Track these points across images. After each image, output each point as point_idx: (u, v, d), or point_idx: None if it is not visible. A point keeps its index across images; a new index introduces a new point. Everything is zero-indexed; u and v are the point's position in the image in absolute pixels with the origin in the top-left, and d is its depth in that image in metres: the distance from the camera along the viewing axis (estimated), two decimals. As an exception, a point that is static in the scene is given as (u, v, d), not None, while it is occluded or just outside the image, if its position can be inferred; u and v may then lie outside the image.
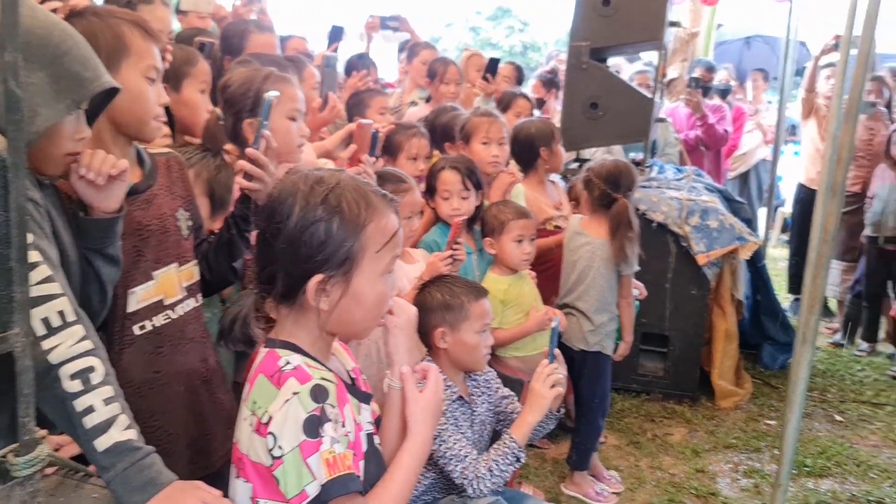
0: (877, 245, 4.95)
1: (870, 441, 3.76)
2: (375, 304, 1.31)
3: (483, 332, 2.14)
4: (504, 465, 1.99)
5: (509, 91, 4.38)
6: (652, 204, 4.03)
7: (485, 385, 2.27)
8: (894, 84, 5.56)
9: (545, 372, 2.05)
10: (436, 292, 2.15)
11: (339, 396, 1.25)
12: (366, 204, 1.26)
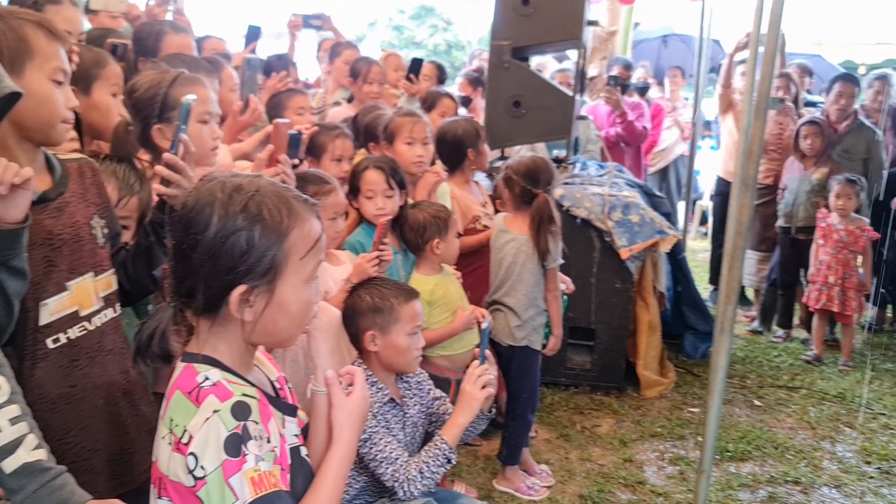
0: (789, 235, 5.16)
1: (786, 424, 3.92)
2: (300, 312, 1.28)
3: (414, 334, 2.14)
4: (435, 466, 1.99)
5: (433, 91, 4.39)
6: (575, 200, 4.10)
7: (417, 387, 2.27)
8: (801, 80, 5.81)
9: (476, 373, 2.06)
10: (366, 295, 2.14)
11: (263, 411, 1.22)
12: (287, 210, 1.23)
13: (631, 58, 7.28)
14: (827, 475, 3.39)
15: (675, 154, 7.37)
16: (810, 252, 4.92)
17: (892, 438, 3.77)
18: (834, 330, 5.16)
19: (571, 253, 4.06)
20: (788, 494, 3.22)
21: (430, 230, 2.78)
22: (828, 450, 3.64)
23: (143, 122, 2.03)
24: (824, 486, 3.29)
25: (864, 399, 4.19)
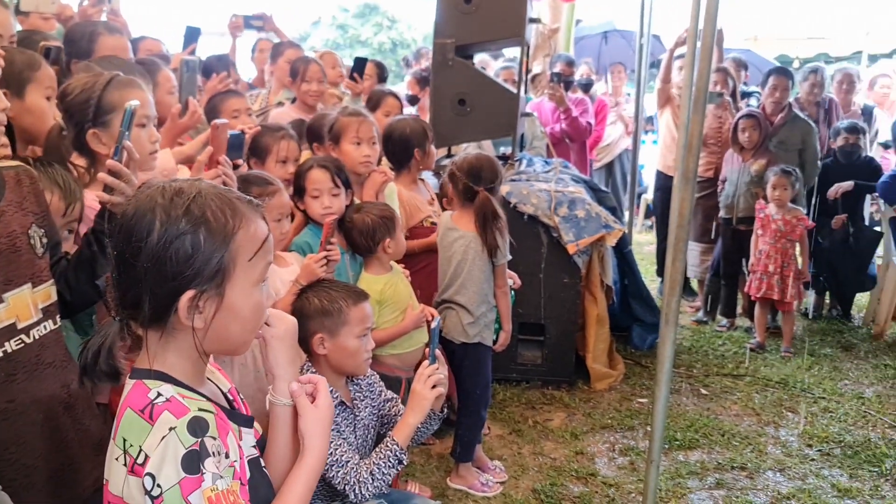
0: (731, 226, 5.28)
1: (732, 411, 4.02)
2: (252, 315, 1.26)
3: (364, 336, 2.12)
4: (386, 468, 1.99)
5: (378, 90, 4.37)
6: (522, 197, 4.13)
7: (367, 389, 2.26)
8: (737, 74, 5.95)
9: (426, 373, 2.06)
10: (314, 298, 2.12)
11: (220, 426, 1.19)
12: (232, 211, 1.20)
13: (573, 54, 7.36)
14: (771, 459, 3.48)
15: (620, 149, 7.48)
16: (751, 242, 5.04)
17: (832, 422, 3.89)
18: (776, 317, 5.30)
19: (520, 249, 4.10)
20: (735, 480, 3.30)
21: (381, 231, 2.77)
22: (772, 435, 3.74)
23: (77, 126, 1.98)
24: (769, 471, 3.38)
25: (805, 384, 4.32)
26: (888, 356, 4.83)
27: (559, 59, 6.45)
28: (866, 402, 4.15)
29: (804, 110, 5.66)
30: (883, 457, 3.50)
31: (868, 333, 5.30)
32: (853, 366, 4.70)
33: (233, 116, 3.11)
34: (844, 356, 4.87)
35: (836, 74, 6.39)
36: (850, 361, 4.77)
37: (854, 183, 5.24)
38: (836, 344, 5.09)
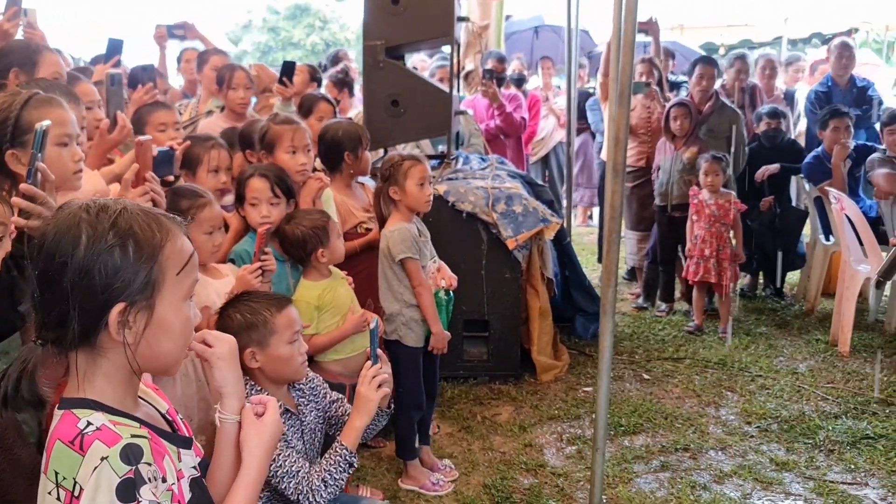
0: (666, 213, 5.41)
1: (674, 394, 4.12)
2: (182, 331, 1.25)
3: (294, 341, 2.12)
4: (338, 473, 1.99)
5: (310, 94, 4.34)
6: (460, 195, 4.16)
7: (311, 393, 2.25)
8: (665, 64, 6.08)
9: (370, 374, 2.07)
10: (235, 314, 2.10)
11: (155, 450, 1.17)
12: (158, 225, 1.20)
13: (504, 50, 7.42)
14: (713, 439, 3.59)
15: (555, 141, 7.58)
16: (686, 228, 5.17)
17: (769, 398, 4.02)
18: (712, 300, 5.44)
19: (460, 247, 4.14)
20: (679, 461, 3.39)
21: (312, 242, 2.76)
22: (712, 415, 3.85)
23: (-4, 147, 1.92)
24: (711, 450, 3.48)
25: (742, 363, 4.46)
26: (819, 331, 5.02)
27: (490, 55, 6.51)
28: (800, 376, 4.30)
29: (730, 97, 5.83)
30: (817, 429, 3.64)
31: (800, 310, 5.49)
32: (787, 342, 4.86)
33: (160, 130, 3.06)
34: (779, 334, 5.04)
35: (758, 60, 6.59)
36: (784, 338, 4.94)
37: (780, 165, 5.42)
38: (770, 322, 5.27)
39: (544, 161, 7.69)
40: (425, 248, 3.13)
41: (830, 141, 5.19)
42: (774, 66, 6.50)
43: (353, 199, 3.36)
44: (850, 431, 3.60)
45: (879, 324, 5.09)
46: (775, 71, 6.51)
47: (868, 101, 5.99)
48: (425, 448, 3.33)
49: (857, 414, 3.80)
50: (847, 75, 6.08)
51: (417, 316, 3.11)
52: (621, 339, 4.97)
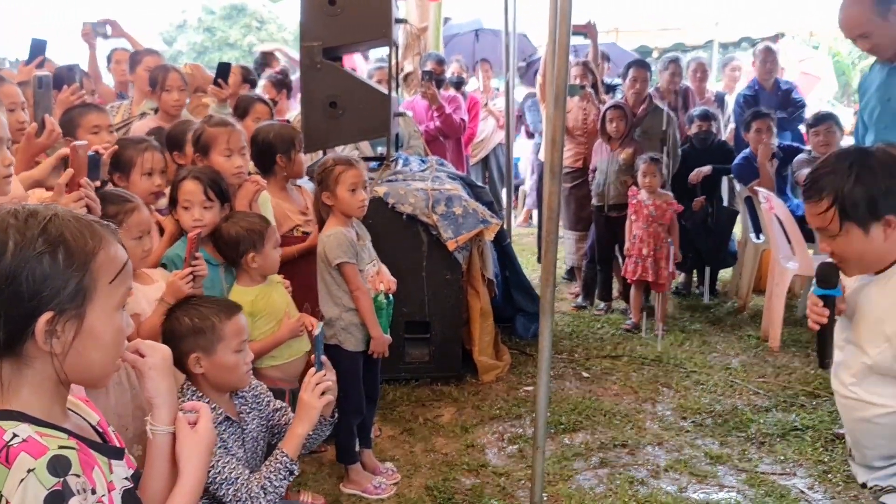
0: (603, 213, 5.50)
1: (612, 391, 4.19)
2: (113, 341, 1.22)
3: (241, 350, 2.09)
4: (277, 480, 1.98)
5: (245, 96, 4.27)
6: (400, 197, 4.15)
7: (254, 400, 2.22)
8: (600, 67, 6.19)
9: (313, 381, 2.05)
10: (184, 317, 2.06)
11: (84, 461, 1.14)
12: (91, 233, 1.17)
13: (444, 53, 7.44)
14: (650, 434, 3.66)
15: (494, 143, 7.64)
16: (624, 228, 5.27)
17: (703, 393, 4.13)
18: (649, 298, 5.56)
19: (400, 249, 4.14)
20: (617, 457, 3.45)
21: (244, 244, 2.71)
22: (649, 411, 3.93)
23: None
24: (648, 446, 3.55)
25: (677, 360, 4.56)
26: (750, 327, 5.18)
27: (429, 57, 6.51)
28: (733, 371, 4.43)
29: (664, 99, 5.97)
30: (749, 422, 3.75)
31: (732, 307, 5.66)
32: (720, 338, 5.00)
33: (93, 132, 2.97)
34: (712, 330, 5.18)
35: (690, 63, 6.76)
36: (717, 335, 5.08)
37: (711, 167, 5.58)
38: (704, 319, 5.41)
39: (484, 162, 7.75)
40: (363, 251, 3.11)
41: (754, 142, 5.37)
42: (705, 69, 6.69)
43: (288, 202, 3.32)
44: (779, 424, 3.72)
45: (807, 319, 5.26)
46: (706, 74, 6.70)
47: (793, 103, 6.22)
48: (367, 451, 3.32)
49: (786, 407, 3.93)
50: (772, 79, 6.29)
51: (357, 320, 3.09)
52: (561, 338, 5.04)
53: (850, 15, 3.23)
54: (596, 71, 5.74)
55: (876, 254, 1.80)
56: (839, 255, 1.84)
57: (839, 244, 1.82)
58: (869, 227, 1.76)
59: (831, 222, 1.79)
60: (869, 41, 3.24)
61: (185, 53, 25.00)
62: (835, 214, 1.78)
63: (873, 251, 1.80)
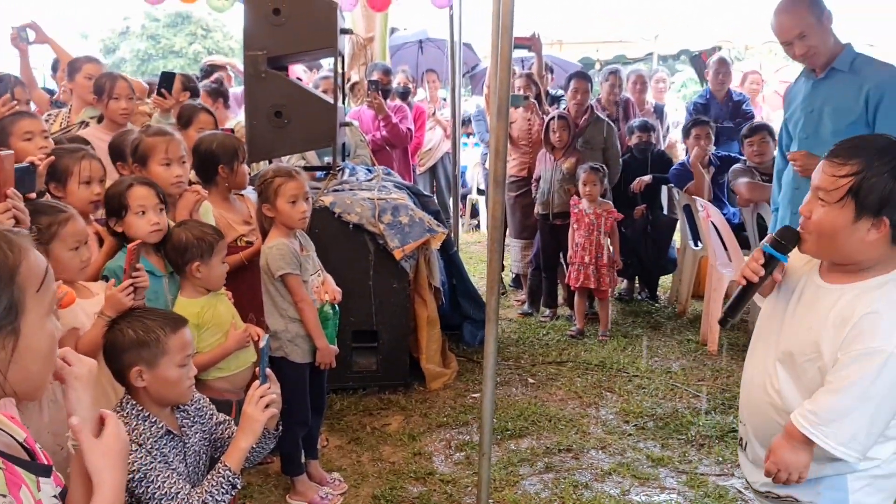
0: (548, 222, 5.59)
1: (557, 396, 4.26)
2: (49, 349, 1.21)
3: (185, 364, 2.06)
4: (219, 494, 1.95)
5: (189, 105, 4.22)
6: (346, 206, 4.16)
7: (196, 414, 2.20)
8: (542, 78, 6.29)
9: (257, 394, 2.04)
10: (127, 329, 2.02)
11: (10, 481, 1.12)
12: (9, 245, 1.15)
13: (391, 63, 7.48)
14: (594, 439, 3.73)
15: (442, 152, 7.69)
16: (567, 236, 5.36)
17: (645, 397, 4.22)
18: (593, 304, 5.66)
19: (347, 258, 4.15)
20: (563, 462, 3.51)
21: (192, 252, 2.69)
22: (593, 415, 4.01)
23: None
24: (592, 450, 3.63)
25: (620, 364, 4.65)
26: (690, 331, 5.32)
27: (376, 67, 6.54)
28: (673, 375, 4.54)
29: (605, 110, 6.10)
30: (689, 424, 3.86)
31: (673, 312, 5.80)
32: (661, 343, 5.13)
33: (25, 139, 2.91)
34: (653, 335, 5.30)
35: (630, 76, 6.92)
36: (658, 339, 5.20)
37: (652, 176, 5.73)
38: (646, 324, 5.53)
39: (432, 172, 7.79)
40: (307, 262, 3.11)
41: (693, 148, 5.56)
42: (645, 81, 6.86)
43: (231, 211, 3.30)
44: (718, 426, 3.84)
45: (745, 323, 5.43)
46: (645, 86, 6.87)
47: (742, 114, 6.38)
48: (313, 462, 3.31)
49: (724, 409, 4.05)
50: (724, 89, 6.48)
51: (303, 332, 3.09)
52: (507, 344, 5.10)
53: (787, 17, 3.32)
54: (540, 82, 5.84)
55: (847, 244, 1.74)
56: (816, 224, 1.76)
57: (825, 214, 1.74)
58: (863, 216, 1.69)
59: (837, 189, 1.71)
60: (806, 43, 3.32)
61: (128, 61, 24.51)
62: (847, 185, 1.70)
63: (846, 240, 1.73)
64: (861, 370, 1.69)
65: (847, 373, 1.71)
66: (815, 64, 3.44)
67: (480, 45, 9.29)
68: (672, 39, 11.10)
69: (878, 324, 1.70)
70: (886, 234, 1.70)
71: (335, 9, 4.18)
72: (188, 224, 2.77)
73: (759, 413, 1.96)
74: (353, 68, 6.96)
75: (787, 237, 1.84)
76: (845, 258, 1.78)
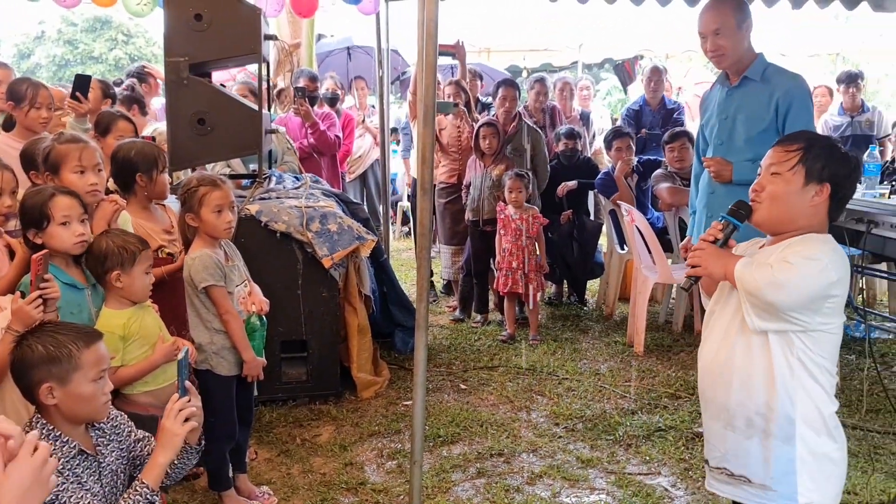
0: (478, 228, 5.63)
1: (489, 401, 4.28)
2: None
3: (100, 378, 1.99)
4: None
5: (108, 112, 4.09)
6: (273, 215, 4.10)
7: (113, 431, 2.12)
8: (473, 85, 6.34)
9: (175, 407, 1.99)
10: (37, 344, 1.93)
11: None
12: None
13: (317, 69, 7.42)
14: (525, 442, 3.76)
15: (371, 160, 7.67)
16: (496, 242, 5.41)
17: (574, 399, 4.29)
18: (523, 309, 5.72)
19: (275, 267, 4.08)
20: (494, 467, 3.53)
21: (112, 260, 2.60)
22: (524, 419, 4.05)
23: None
24: (523, 453, 3.65)
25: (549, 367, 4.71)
26: (617, 333, 5.43)
27: (302, 74, 6.47)
28: (601, 377, 4.63)
29: (532, 117, 6.18)
30: (616, 425, 3.93)
31: (600, 315, 5.92)
32: (590, 346, 5.22)
33: None
34: (582, 338, 5.39)
35: (557, 83, 7.04)
36: (587, 342, 5.29)
37: (577, 182, 5.83)
38: (574, 328, 5.62)
39: (362, 179, 7.76)
40: (233, 272, 3.05)
41: (615, 159, 5.70)
42: (571, 88, 6.99)
43: (151, 221, 3.20)
44: (644, 426, 3.92)
45: (669, 324, 5.58)
46: (572, 93, 7.00)
47: (675, 122, 6.55)
48: (242, 476, 3.24)
49: (650, 409, 4.15)
50: (658, 97, 6.66)
51: (229, 344, 3.02)
52: (439, 350, 5.10)
53: (711, 12, 3.51)
54: (468, 89, 5.88)
55: (795, 206, 1.97)
56: (769, 192, 1.99)
57: (778, 182, 1.98)
58: (810, 182, 1.95)
59: (788, 160, 1.97)
60: (717, 41, 3.49)
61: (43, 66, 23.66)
62: (797, 157, 1.96)
63: (795, 203, 1.97)
64: (787, 267, 1.91)
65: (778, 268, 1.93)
66: (720, 65, 3.60)
67: (409, 51, 9.31)
68: (596, 48, 11.37)
69: (801, 243, 1.96)
70: (826, 198, 1.96)
71: (259, 14, 4.13)
72: (111, 233, 2.69)
73: (714, 385, 2.11)
74: (279, 75, 6.88)
75: (743, 209, 2.06)
76: (790, 222, 2.00)
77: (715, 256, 2.05)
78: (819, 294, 1.90)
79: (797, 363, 1.95)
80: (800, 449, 1.97)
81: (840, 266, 1.92)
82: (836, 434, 2.01)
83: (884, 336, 5.29)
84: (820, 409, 1.98)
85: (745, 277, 1.96)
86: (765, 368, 1.98)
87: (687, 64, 13.10)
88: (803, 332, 1.94)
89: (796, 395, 1.96)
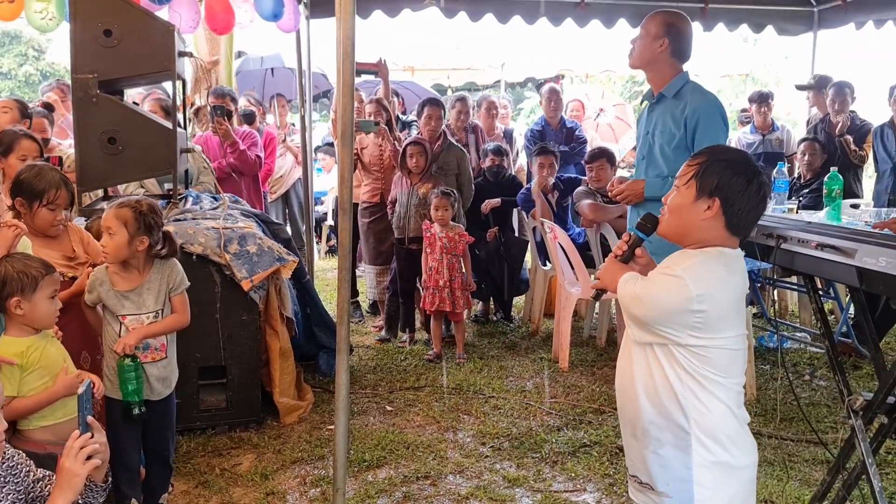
0: (404, 246, 5.59)
1: (415, 422, 4.23)
2: None
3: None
4: None
5: (10, 130, 3.90)
6: (189, 236, 3.96)
7: (8, 472, 2.00)
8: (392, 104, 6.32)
9: (76, 445, 1.88)
10: None
11: None
12: None
13: (236, 87, 7.27)
14: (452, 463, 3.72)
15: (293, 179, 7.54)
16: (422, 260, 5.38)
17: (501, 418, 4.27)
18: (450, 328, 5.69)
19: (192, 291, 3.90)
20: (420, 490, 3.47)
21: (11, 286, 2.46)
22: (451, 439, 4.01)
23: None
24: (450, 475, 3.61)
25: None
26: (543, 350, 5.46)
27: (219, 91, 6.33)
28: (527, 394, 4.63)
29: (455, 136, 6.20)
30: (542, 442, 3.93)
31: (526, 331, 5.94)
32: (516, 363, 5.23)
33: None
34: (508, 355, 5.40)
35: (481, 101, 7.09)
36: (513, 359, 5.30)
37: (500, 199, 5.87)
38: (500, 345, 5.63)
39: (284, 199, 7.62)
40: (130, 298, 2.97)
41: (538, 175, 5.77)
42: (494, 106, 7.04)
43: (49, 247, 3.03)
44: (570, 442, 3.93)
45: (592, 339, 5.65)
46: (496, 111, 7.06)
47: (576, 139, 6.76)
48: (156, 511, 3.10)
49: (575, 424, 4.17)
50: (557, 117, 6.82)
51: None
52: (365, 372, 5.03)
53: (650, 18, 3.65)
54: (389, 108, 5.85)
55: (688, 220, 2.01)
56: (670, 206, 2.05)
57: (676, 195, 2.03)
58: (701, 197, 1.97)
59: (686, 175, 2.02)
60: (636, 41, 3.67)
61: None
62: (693, 171, 2.00)
63: (688, 217, 2.00)
64: (647, 283, 2.01)
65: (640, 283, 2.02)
66: (635, 65, 3.77)
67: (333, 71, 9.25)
68: (518, 68, 11.55)
69: (671, 258, 2.02)
70: (717, 213, 1.97)
71: (172, 31, 4.03)
72: (12, 257, 2.55)
73: (622, 397, 2.16)
74: (196, 92, 6.71)
75: (650, 221, 2.13)
76: (686, 235, 2.04)
77: (611, 270, 2.12)
78: (678, 308, 1.92)
79: (685, 375, 1.97)
80: (696, 457, 1.98)
81: (704, 282, 1.91)
82: (741, 442, 2.01)
83: (795, 346, 5.47)
84: (717, 418, 1.98)
85: (621, 291, 2.03)
86: (658, 380, 2.01)
87: (607, 84, 13.45)
88: (683, 347, 1.96)
89: (688, 404, 1.97)
